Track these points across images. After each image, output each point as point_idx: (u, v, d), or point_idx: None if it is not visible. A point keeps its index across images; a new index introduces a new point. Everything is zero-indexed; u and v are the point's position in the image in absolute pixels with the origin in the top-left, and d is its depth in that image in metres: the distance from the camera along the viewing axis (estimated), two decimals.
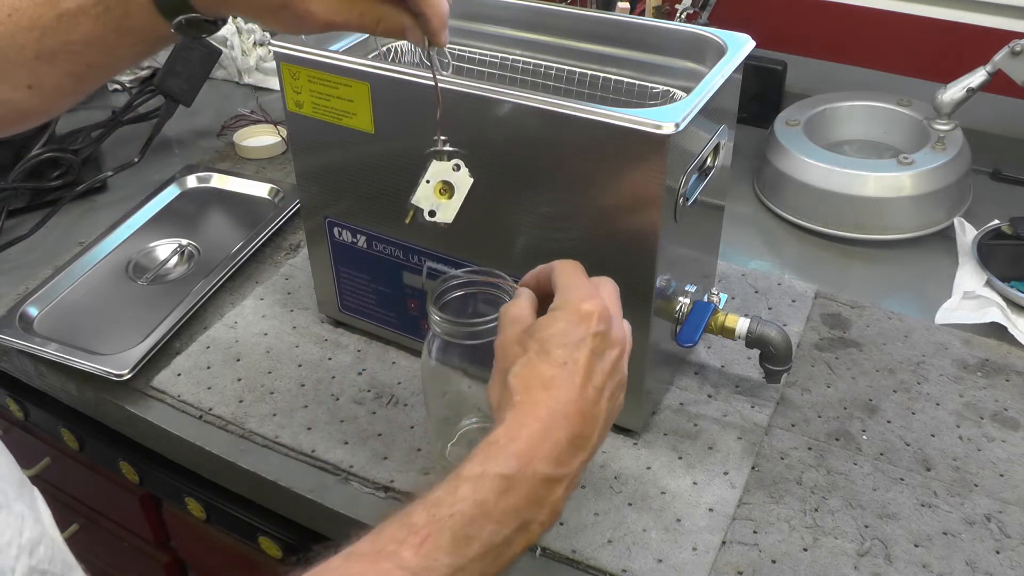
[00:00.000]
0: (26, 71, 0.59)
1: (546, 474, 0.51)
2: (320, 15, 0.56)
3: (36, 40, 0.58)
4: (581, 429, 0.53)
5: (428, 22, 0.56)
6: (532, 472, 0.50)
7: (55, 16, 0.57)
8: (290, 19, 0.56)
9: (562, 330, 0.54)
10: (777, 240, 1.04)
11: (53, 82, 0.60)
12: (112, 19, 0.57)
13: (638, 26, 0.79)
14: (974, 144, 1.06)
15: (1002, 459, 0.75)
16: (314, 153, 0.79)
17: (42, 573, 0.42)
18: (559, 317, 0.55)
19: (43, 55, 0.58)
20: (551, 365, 0.53)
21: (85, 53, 0.58)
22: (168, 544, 1.07)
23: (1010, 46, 0.99)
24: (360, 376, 0.84)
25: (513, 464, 0.50)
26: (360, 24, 0.57)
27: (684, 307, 0.75)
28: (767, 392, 0.81)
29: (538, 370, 0.53)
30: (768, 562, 0.67)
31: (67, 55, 0.58)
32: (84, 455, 0.99)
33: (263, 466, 0.76)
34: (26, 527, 0.42)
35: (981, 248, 0.96)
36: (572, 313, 0.55)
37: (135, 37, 0.58)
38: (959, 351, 0.86)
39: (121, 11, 0.57)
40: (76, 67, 0.59)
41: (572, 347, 0.54)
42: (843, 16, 1.28)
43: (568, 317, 0.55)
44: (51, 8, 0.57)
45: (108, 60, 0.60)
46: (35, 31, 0.57)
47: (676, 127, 0.60)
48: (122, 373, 0.82)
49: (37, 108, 0.62)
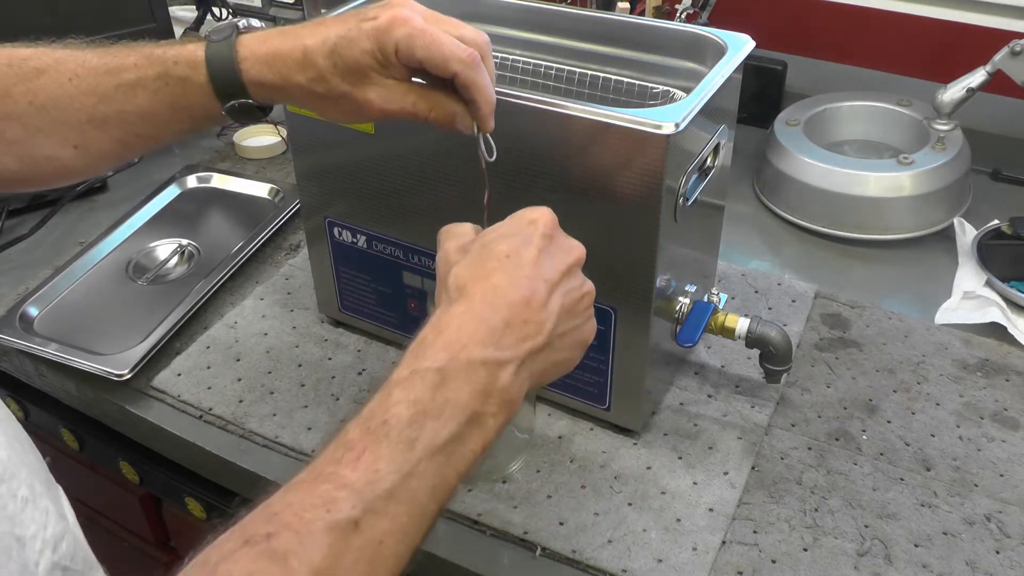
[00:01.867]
0: (76, 132, 0.61)
1: (483, 358, 0.48)
2: (377, 103, 0.58)
3: (92, 106, 0.61)
4: (524, 315, 0.50)
5: (478, 109, 0.58)
6: (466, 359, 0.47)
7: (114, 86, 0.60)
8: (348, 108, 0.59)
9: (507, 230, 0.53)
10: (777, 240, 1.04)
11: (100, 146, 0.62)
12: (169, 95, 0.60)
13: (638, 26, 0.79)
14: (974, 144, 1.06)
15: (1002, 459, 0.75)
16: (314, 153, 0.79)
17: (64, 569, 0.42)
18: (504, 223, 0.54)
19: (95, 120, 0.61)
20: (493, 258, 0.51)
21: (136, 124, 0.61)
22: (168, 544, 1.07)
23: (1010, 46, 0.99)
24: (360, 376, 0.84)
25: (442, 356, 0.47)
26: (413, 111, 0.59)
27: (684, 307, 0.75)
28: (767, 392, 0.81)
29: (479, 263, 0.51)
30: (768, 562, 0.67)
31: (119, 123, 0.61)
32: (84, 455, 0.99)
33: (263, 466, 0.76)
34: (50, 522, 0.43)
35: (981, 248, 0.96)
36: (517, 219, 0.53)
37: (186, 114, 0.61)
38: (959, 351, 0.86)
39: (179, 89, 0.60)
40: (125, 135, 0.62)
41: (519, 243, 0.52)
42: (843, 16, 1.28)
43: (513, 222, 0.53)
44: (112, 78, 0.60)
45: (156, 132, 0.62)
46: (93, 97, 0.61)
47: (676, 127, 0.60)
48: (122, 373, 0.82)
49: (79, 168, 0.64)
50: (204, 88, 0.60)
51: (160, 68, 0.60)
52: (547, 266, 0.52)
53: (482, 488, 0.72)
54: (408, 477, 0.45)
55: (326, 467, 0.45)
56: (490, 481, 0.73)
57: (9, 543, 0.39)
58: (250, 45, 0.59)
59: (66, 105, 0.60)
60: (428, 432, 0.46)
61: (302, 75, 0.58)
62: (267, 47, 0.59)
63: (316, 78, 0.58)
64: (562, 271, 0.52)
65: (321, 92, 0.58)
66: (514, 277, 0.50)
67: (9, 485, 0.41)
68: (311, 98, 0.60)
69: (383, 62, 0.57)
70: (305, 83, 0.58)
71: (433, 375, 0.47)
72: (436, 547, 0.68)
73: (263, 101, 0.61)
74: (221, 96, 0.60)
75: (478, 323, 0.49)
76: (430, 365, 0.47)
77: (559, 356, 0.53)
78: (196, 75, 0.59)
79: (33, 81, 0.61)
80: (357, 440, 0.45)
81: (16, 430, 0.46)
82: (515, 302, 0.50)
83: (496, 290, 0.50)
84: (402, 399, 0.46)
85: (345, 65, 0.57)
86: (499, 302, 0.50)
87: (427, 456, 0.45)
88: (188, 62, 0.60)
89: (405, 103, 0.59)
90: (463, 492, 0.72)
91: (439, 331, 0.49)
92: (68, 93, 0.60)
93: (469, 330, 0.48)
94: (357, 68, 0.57)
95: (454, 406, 0.47)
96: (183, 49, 0.61)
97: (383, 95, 0.58)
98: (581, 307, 0.54)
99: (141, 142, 0.63)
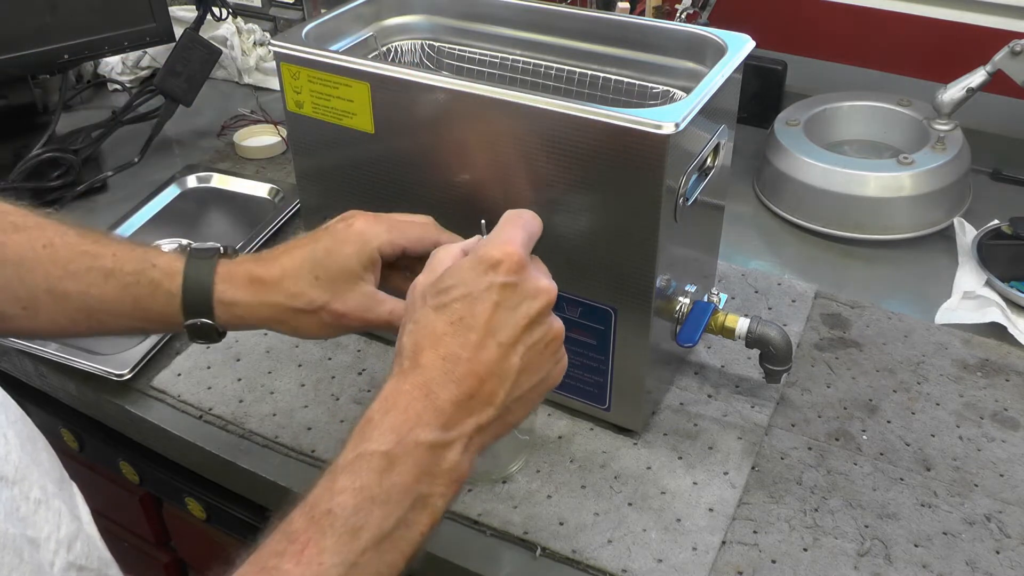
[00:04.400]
0: (30, 296, 0.60)
1: (431, 441, 0.47)
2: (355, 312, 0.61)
3: (57, 277, 0.60)
4: (473, 389, 0.48)
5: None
6: (413, 441, 0.46)
7: (87, 267, 0.60)
8: (327, 318, 0.60)
9: (463, 280, 0.50)
10: (777, 240, 1.04)
11: (50, 316, 0.61)
12: (136, 293, 0.60)
13: (638, 26, 0.79)
14: (974, 144, 1.06)
15: (1002, 459, 0.75)
16: (314, 153, 0.79)
17: (79, 569, 0.42)
18: (463, 265, 0.51)
19: (55, 292, 0.60)
20: (445, 321, 0.49)
21: (95, 308, 0.61)
22: (168, 544, 1.07)
23: (1010, 46, 0.99)
24: (360, 376, 0.84)
25: (390, 438, 0.46)
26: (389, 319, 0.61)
27: (684, 307, 0.75)
28: (767, 392, 0.81)
29: (431, 327, 0.49)
30: (768, 562, 0.67)
31: (78, 302, 0.60)
32: (84, 455, 0.99)
33: (263, 466, 0.76)
34: (63, 523, 0.43)
35: (981, 248, 0.96)
36: (478, 261, 0.50)
37: (144, 316, 0.61)
38: (959, 351, 0.86)
39: (148, 291, 0.60)
40: (78, 314, 0.61)
41: (472, 300, 0.49)
42: (843, 16, 1.28)
43: (472, 265, 0.50)
44: (88, 260, 0.60)
45: (110, 321, 0.62)
46: (61, 270, 0.60)
47: (676, 127, 0.60)
48: (122, 373, 0.82)
49: (21, 327, 0.62)
50: (173, 299, 0.61)
51: (138, 265, 0.61)
52: (504, 324, 0.49)
53: (482, 488, 0.72)
54: (353, 568, 0.44)
55: (268, 559, 0.44)
56: (490, 481, 0.73)
57: (22, 545, 0.39)
58: (229, 267, 0.61)
59: (31, 268, 0.60)
60: (375, 519, 0.45)
61: (280, 293, 0.60)
62: (242, 267, 0.61)
63: (295, 294, 0.60)
64: (522, 326, 0.50)
65: (299, 307, 0.60)
66: (464, 345, 0.49)
67: (21, 487, 0.41)
68: (286, 313, 0.60)
69: (367, 264, 0.60)
70: (283, 300, 0.60)
71: (379, 459, 0.46)
72: (436, 547, 0.68)
73: (227, 324, 0.62)
74: (187, 311, 0.61)
75: (425, 402, 0.47)
76: (376, 448, 0.46)
77: (514, 418, 0.51)
78: (170, 284, 0.61)
79: (7, 234, 0.60)
80: (301, 531, 0.44)
81: (29, 430, 0.46)
82: (463, 377, 0.48)
83: (445, 363, 0.48)
84: (347, 486, 0.45)
85: (328, 275, 0.60)
86: (447, 378, 0.48)
87: (373, 545, 0.45)
88: (165, 269, 0.61)
89: (382, 312, 0.61)
90: (463, 492, 0.72)
91: (386, 410, 0.47)
92: (37, 257, 0.60)
93: (416, 410, 0.47)
94: (340, 274, 0.60)
95: (401, 490, 0.46)
96: (164, 256, 0.62)
97: (362, 304, 0.60)
98: (546, 355, 0.52)
99: (91, 323, 0.62)
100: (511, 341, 0.50)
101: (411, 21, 0.87)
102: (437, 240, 0.61)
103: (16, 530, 0.39)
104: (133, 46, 1.17)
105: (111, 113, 1.21)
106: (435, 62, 0.88)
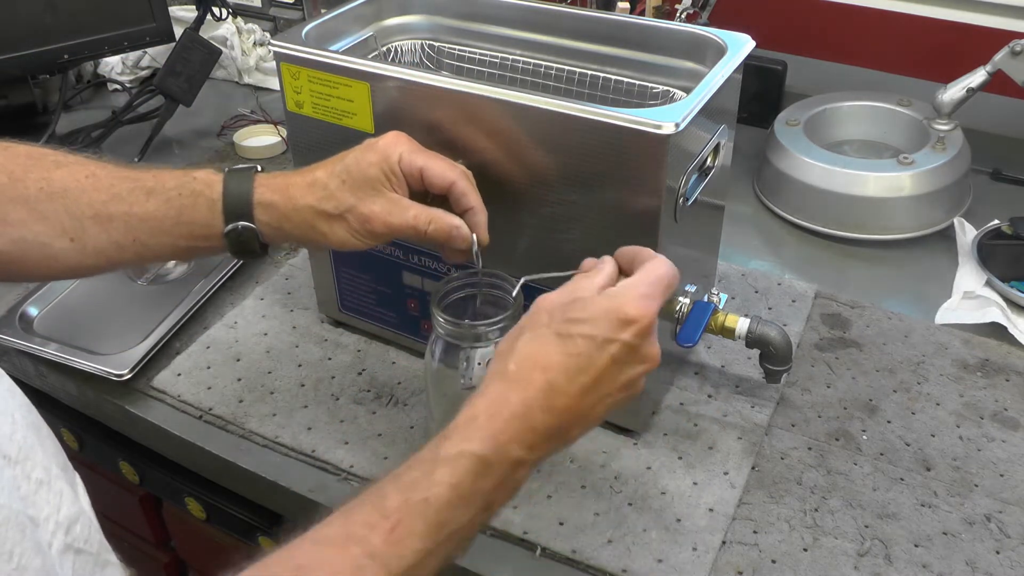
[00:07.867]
0: (76, 225, 0.63)
1: (517, 458, 0.50)
2: (380, 216, 0.62)
3: (102, 202, 0.63)
4: (564, 425, 0.52)
5: (475, 215, 0.63)
6: (506, 455, 0.50)
7: (129, 189, 0.64)
8: (354, 222, 0.63)
9: (594, 319, 0.52)
10: (777, 240, 1.04)
11: (96, 244, 0.64)
12: (179, 205, 0.64)
13: (638, 26, 0.79)
14: (974, 144, 1.06)
15: (1002, 459, 0.75)
16: (314, 153, 0.78)
17: (77, 551, 0.43)
18: (599, 305, 0.53)
19: (100, 216, 0.63)
20: (563, 351, 0.52)
21: (137, 227, 0.64)
22: (168, 544, 1.07)
23: (1010, 46, 0.99)
24: (360, 376, 0.84)
25: (489, 444, 0.49)
26: (414, 224, 0.63)
27: (684, 307, 0.75)
28: (767, 392, 0.81)
29: (547, 349, 0.52)
30: (768, 562, 0.67)
31: (122, 223, 0.64)
32: (84, 455, 0.99)
33: (263, 466, 0.76)
34: (64, 504, 0.43)
35: (981, 248, 0.96)
36: (615, 311, 0.52)
37: (187, 229, 0.64)
38: (959, 351, 0.86)
39: (190, 201, 0.64)
40: (123, 237, 0.64)
41: (594, 345, 0.52)
42: (843, 16, 1.28)
43: (607, 312, 0.52)
44: (130, 182, 0.64)
45: (152, 241, 0.64)
46: (105, 194, 0.63)
47: (676, 127, 0.60)
48: (122, 373, 0.82)
49: (68, 262, 0.65)
50: (214, 205, 0.64)
51: (179, 180, 0.65)
52: (611, 379, 0.52)
53: None
54: (427, 555, 0.47)
55: (358, 529, 0.47)
56: None
57: (23, 521, 0.39)
58: (264, 176, 0.66)
59: (76, 197, 0.63)
60: (458, 516, 0.48)
61: (311, 196, 0.63)
62: (279, 179, 0.65)
63: (325, 196, 0.63)
64: (623, 384, 0.53)
65: (328, 209, 0.63)
66: (572, 382, 0.51)
67: (24, 466, 0.42)
68: (318, 217, 0.64)
69: (388, 174, 0.63)
70: (314, 202, 0.63)
71: (477, 463, 0.49)
72: None
73: (266, 230, 0.64)
74: (228, 214, 0.64)
75: (524, 422, 0.50)
76: (476, 450, 0.49)
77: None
78: (210, 191, 0.64)
79: (50, 171, 0.64)
80: (394, 510, 0.47)
81: (34, 417, 0.47)
82: (561, 411, 0.51)
83: (550, 390, 0.51)
84: (445, 480, 0.48)
85: (353, 180, 0.63)
86: (547, 404, 0.51)
87: (448, 538, 0.48)
88: (205, 180, 0.65)
89: (407, 216, 0.63)
90: None
91: (491, 415, 0.50)
92: (81, 187, 0.63)
93: (516, 427, 0.50)
94: (365, 181, 0.63)
95: (483, 495, 0.49)
96: (203, 170, 0.66)
97: (387, 208, 0.63)
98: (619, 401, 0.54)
99: (135, 248, 0.65)
100: (608, 393, 0.53)
101: (411, 21, 0.87)
102: (455, 182, 0.63)
103: (17, 507, 0.39)
104: (133, 46, 1.17)
105: (111, 113, 1.21)
106: (435, 62, 0.88)
